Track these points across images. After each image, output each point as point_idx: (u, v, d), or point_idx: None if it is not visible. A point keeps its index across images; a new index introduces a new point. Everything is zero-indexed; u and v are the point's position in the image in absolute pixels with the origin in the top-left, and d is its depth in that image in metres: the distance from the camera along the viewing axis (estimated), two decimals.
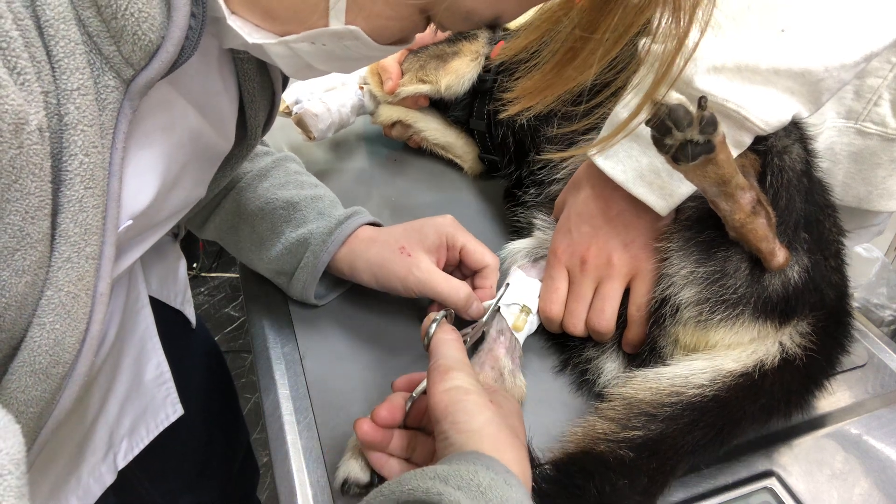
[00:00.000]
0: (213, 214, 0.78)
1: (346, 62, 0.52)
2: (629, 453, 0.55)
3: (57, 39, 0.38)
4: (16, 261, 0.38)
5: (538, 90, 0.54)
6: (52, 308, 0.42)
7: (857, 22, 0.58)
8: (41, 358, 0.42)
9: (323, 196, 0.78)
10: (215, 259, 2.52)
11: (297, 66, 0.51)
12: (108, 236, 0.45)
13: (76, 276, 0.42)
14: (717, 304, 0.60)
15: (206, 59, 0.55)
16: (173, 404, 0.77)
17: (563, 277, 0.69)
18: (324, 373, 0.70)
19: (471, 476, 0.42)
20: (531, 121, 0.82)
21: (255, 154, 0.82)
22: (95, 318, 0.45)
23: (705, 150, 0.52)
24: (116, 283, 0.68)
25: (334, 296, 0.79)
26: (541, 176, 0.79)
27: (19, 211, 0.38)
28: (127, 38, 0.41)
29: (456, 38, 0.95)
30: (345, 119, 0.98)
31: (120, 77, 0.42)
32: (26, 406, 0.44)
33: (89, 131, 0.41)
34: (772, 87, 0.58)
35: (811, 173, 0.64)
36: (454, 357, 0.53)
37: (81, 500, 0.67)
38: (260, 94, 0.63)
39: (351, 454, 0.58)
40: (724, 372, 0.59)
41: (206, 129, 0.56)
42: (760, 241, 0.57)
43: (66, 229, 0.41)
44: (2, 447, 0.32)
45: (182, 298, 0.85)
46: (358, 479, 0.57)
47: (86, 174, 0.41)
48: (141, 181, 0.49)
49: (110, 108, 0.42)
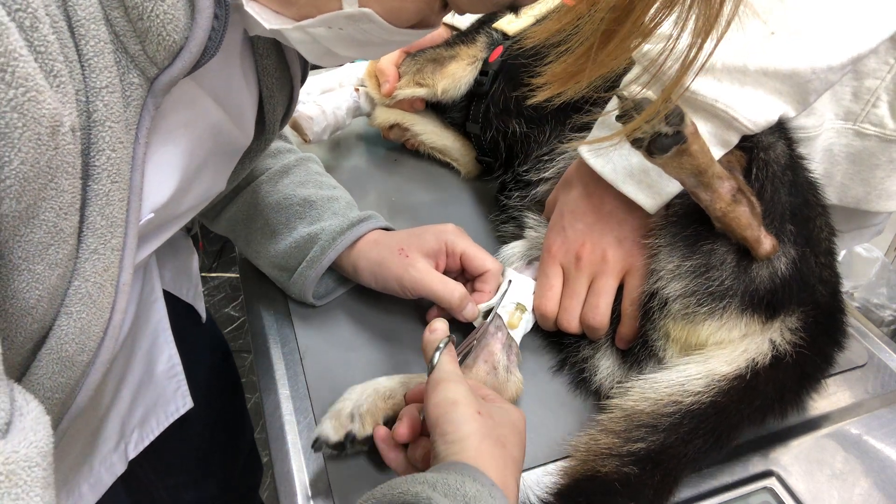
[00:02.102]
0: (230, 205, 0.80)
1: (368, 47, 0.51)
2: (633, 469, 0.55)
3: (87, 39, 0.39)
4: (49, 255, 0.40)
5: (569, 75, 0.51)
6: (79, 298, 0.43)
7: (845, 24, 0.59)
8: (68, 346, 0.43)
9: (340, 197, 0.79)
10: (215, 259, 2.52)
11: (318, 53, 0.51)
12: (131, 228, 0.46)
13: (102, 266, 0.44)
14: (704, 297, 0.60)
15: (229, 55, 0.56)
16: (183, 397, 0.78)
17: (558, 275, 0.69)
18: (324, 373, 0.70)
19: (458, 486, 0.43)
20: (522, 128, 0.82)
21: (279, 150, 0.83)
22: (118, 308, 0.47)
23: (676, 142, 0.53)
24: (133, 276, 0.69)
25: (333, 297, 0.79)
26: (528, 176, 0.79)
27: (54, 208, 0.39)
28: (152, 39, 0.42)
29: (453, 42, 0.95)
30: (340, 121, 0.99)
31: (144, 75, 0.43)
32: (52, 392, 0.45)
33: (116, 127, 0.42)
34: (760, 88, 0.59)
35: (796, 169, 0.65)
36: (446, 370, 0.54)
37: (93, 488, 0.68)
38: (279, 90, 0.64)
39: (328, 416, 0.61)
40: (717, 376, 0.59)
41: (226, 123, 0.57)
42: (744, 229, 0.58)
43: (93, 222, 0.42)
44: (32, 440, 0.33)
45: (194, 293, 0.86)
46: (328, 438, 0.59)
47: (112, 169, 0.42)
48: (163, 175, 0.50)
49: (134, 104, 0.43)
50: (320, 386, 0.68)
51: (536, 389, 0.68)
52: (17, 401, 0.35)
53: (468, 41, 0.94)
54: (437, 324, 0.59)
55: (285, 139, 0.86)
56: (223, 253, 2.53)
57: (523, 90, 0.83)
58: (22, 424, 0.33)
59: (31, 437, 0.33)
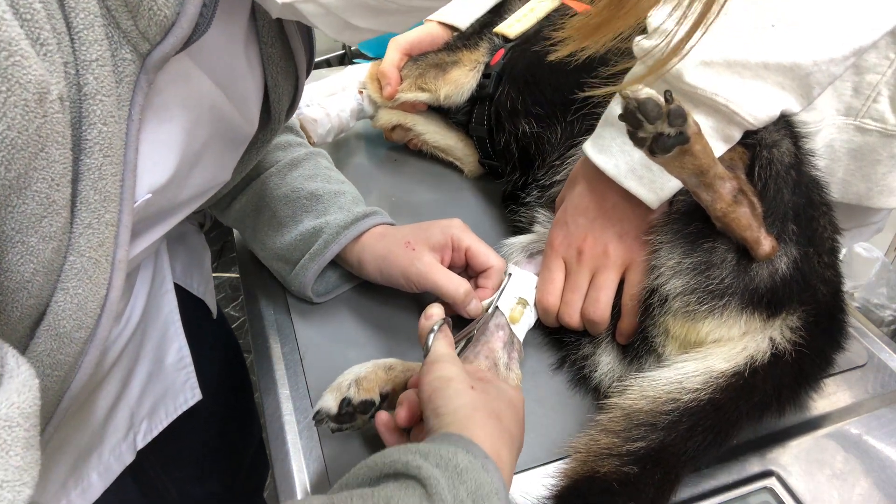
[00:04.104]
0: (240, 196, 0.80)
1: (385, 16, 0.49)
2: (633, 468, 0.55)
3: (77, 11, 0.39)
4: (43, 227, 0.40)
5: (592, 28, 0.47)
6: (74, 273, 0.43)
7: (846, 16, 0.59)
8: (65, 322, 0.44)
9: (346, 192, 0.80)
10: (215, 259, 2.52)
11: (337, 26, 0.50)
12: (126, 205, 0.46)
13: (97, 241, 0.44)
14: (704, 295, 0.60)
15: (233, 41, 0.56)
16: (192, 389, 0.79)
17: (560, 269, 0.69)
18: (324, 373, 0.70)
19: (450, 456, 0.43)
20: (533, 127, 0.82)
21: (289, 144, 0.84)
22: (114, 285, 0.47)
23: (679, 142, 0.53)
24: (143, 265, 0.70)
25: (334, 294, 0.79)
26: (543, 180, 0.80)
27: (45, 179, 0.39)
28: (143, 14, 0.42)
29: (455, 47, 0.95)
30: (344, 124, 1.00)
31: (137, 51, 0.43)
32: (52, 369, 0.45)
33: (107, 101, 0.42)
34: (761, 81, 0.59)
35: (801, 168, 0.65)
36: (441, 352, 0.55)
37: (102, 476, 0.69)
38: (284, 79, 0.64)
39: (329, 390, 0.62)
40: (716, 373, 0.59)
41: (228, 108, 0.57)
42: (744, 230, 0.58)
43: (86, 196, 0.42)
44: (15, 400, 0.33)
45: (205, 289, 0.87)
46: (329, 410, 0.60)
47: (104, 143, 0.42)
48: (160, 154, 0.50)
49: (127, 80, 0.43)
50: (320, 386, 0.68)
51: (537, 388, 0.68)
52: (9, 364, 0.35)
53: (471, 46, 0.94)
54: (433, 309, 0.59)
55: (297, 133, 0.87)
56: (223, 253, 2.53)
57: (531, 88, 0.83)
58: (9, 386, 0.34)
59: (14, 398, 0.33)
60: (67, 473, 0.64)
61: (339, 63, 2.31)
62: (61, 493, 0.64)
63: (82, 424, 0.64)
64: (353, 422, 0.61)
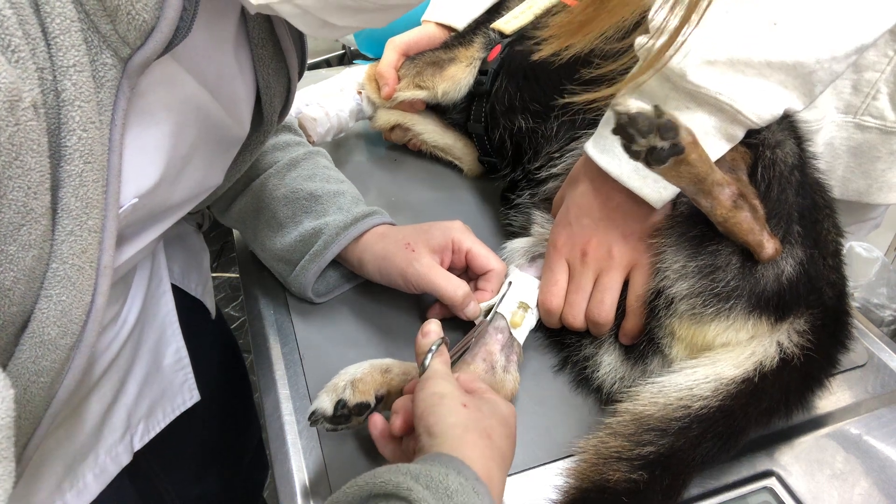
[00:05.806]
0: (240, 197, 0.80)
1: (363, 14, 0.49)
2: (643, 475, 0.55)
3: (53, 17, 0.38)
4: (21, 235, 0.39)
5: (578, 25, 0.47)
6: (57, 280, 0.42)
7: (849, 14, 0.59)
8: (50, 329, 0.43)
9: (346, 192, 0.80)
10: (215, 259, 2.52)
11: (314, 25, 0.49)
12: (110, 210, 0.45)
13: (80, 248, 0.43)
14: (710, 298, 0.60)
15: (221, 43, 0.55)
16: (190, 390, 0.79)
17: (564, 270, 0.69)
18: (324, 373, 0.69)
19: (441, 478, 0.42)
20: (529, 123, 0.82)
21: (288, 143, 0.83)
22: (100, 291, 0.46)
23: (674, 153, 0.53)
24: (139, 267, 0.69)
25: (334, 294, 0.79)
26: (538, 175, 0.79)
27: (21, 187, 0.38)
28: (122, 18, 0.41)
29: (451, 45, 0.95)
30: (343, 124, 1.00)
31: (117, 55, 0.43)
32: (37, 376, 0.44)
33: (86, 107, 0.41)
34: (764, 80, 0.59)
35: (805, 170, 0.64)
36: (436, 369, 0.55)
37: (98, 477, 0.68)
38: (276, 81, 0.63)
39: (324, 390, 0.61)
40: (726, 380, 0.59)
41: (216, 110, 0.56)
42: (746, 234, 0.58)
43: (67, 203, 0.42)
44: None
45: (203, 289, 0.87)
46: (325, 411, 0.60)
47: (84, 149, 0.42)
48: (145, 159, 0.50)
49: (108, 85, 0.43)
50: (320, 386, 0.68)
51: (538, 389, 0.68)
52: None
53: (466, 43, 0.94)
54: (430, 326, 0.59)
55: (295, 132, 0.86)
56: (223, 253, 2.53)
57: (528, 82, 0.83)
58: None
59: None
60: (62, 474, 0.64)
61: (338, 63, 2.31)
62: (56, 494, 0.63)
63: (77, 426, 0.64)
64: (349, 423, 0.61)
